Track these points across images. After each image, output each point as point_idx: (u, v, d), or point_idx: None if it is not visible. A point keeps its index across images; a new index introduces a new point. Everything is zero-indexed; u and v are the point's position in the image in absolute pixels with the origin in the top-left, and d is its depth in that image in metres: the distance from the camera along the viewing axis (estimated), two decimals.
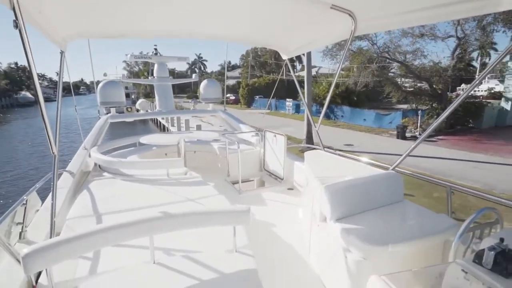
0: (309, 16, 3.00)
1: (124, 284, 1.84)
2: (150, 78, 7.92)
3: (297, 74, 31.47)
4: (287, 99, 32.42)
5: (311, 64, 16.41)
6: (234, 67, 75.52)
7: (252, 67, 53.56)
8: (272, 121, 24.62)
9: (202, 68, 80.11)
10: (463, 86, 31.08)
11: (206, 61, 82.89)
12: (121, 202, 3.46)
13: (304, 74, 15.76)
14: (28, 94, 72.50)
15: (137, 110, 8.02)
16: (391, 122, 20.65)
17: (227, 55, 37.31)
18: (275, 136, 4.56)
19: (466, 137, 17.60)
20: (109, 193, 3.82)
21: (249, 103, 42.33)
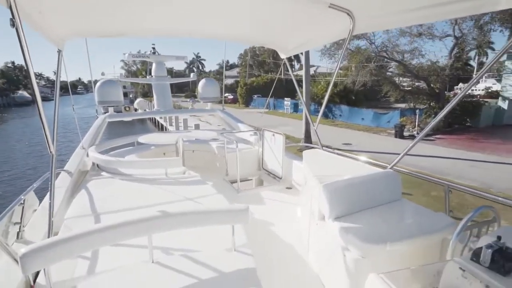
0: (307, 15, 3.00)
1: (122, 283, 1.83)
2: (148, 77, 7.90)
3: (295, 73, 31.47)
4: (285, 98, 32.38)
5: (309, 63, 16.40)
6: (232, 66, 75.37)
7: (250, 66, 53.45)
8: (270, 120, 24.61)
9: (200, 67, 79.87)
10: (461, 85, 31.21)
11: (204, 60, 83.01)
12: (119, 202, 3.45)
13: (302, 73, 15.76)
14: (25, 94, 72.07)
15: (135, 109, 8.01)
16: (389, 121, 20.71)
17: (225, 54, 37.27)
18: (274, 135, 4.56)
19: (464, 136, 17.67)
20: (107, 192, 3.81)
21: (247, 102, 42.27)
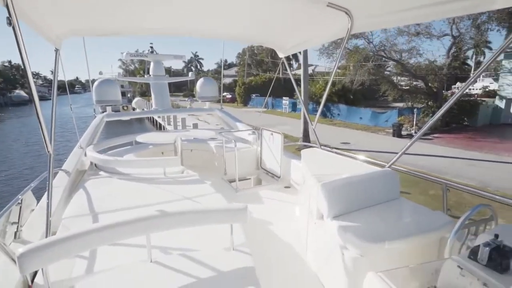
0: (305, 14, 3.00)
1: (121, 283, 1.83)
2: (146, 76, 7.86)
3: (293, 72, 31.47)
4: (284, 98, 32.37)
5: (308, 62, 16.41)
6: (231, 66, 75.32)
7: (248, 66, 53.43)
8: (268, 119, 24.62)
9: (199, 66, 79.72)
10: (458, 84, 31.32)
11: (203, 59, 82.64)
12: (117, 201, 3.44)
13: (300, 72, 15.76)
14: (22, 93, 71.72)
15: (133, 108, 7.97)
16: (387, 121, 20.75)
17: (224, 53, 36.89)
18: (272, 134, 4.56)
19: (461, 135, 17.74)
20: (105, 192, 3.80)
21: (245, 102, 42.21)
